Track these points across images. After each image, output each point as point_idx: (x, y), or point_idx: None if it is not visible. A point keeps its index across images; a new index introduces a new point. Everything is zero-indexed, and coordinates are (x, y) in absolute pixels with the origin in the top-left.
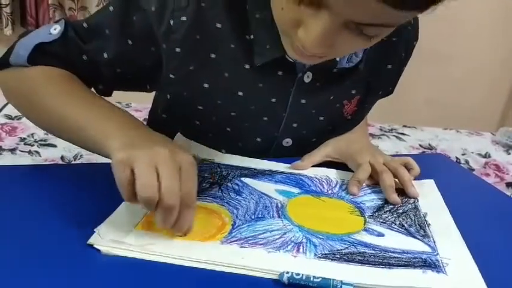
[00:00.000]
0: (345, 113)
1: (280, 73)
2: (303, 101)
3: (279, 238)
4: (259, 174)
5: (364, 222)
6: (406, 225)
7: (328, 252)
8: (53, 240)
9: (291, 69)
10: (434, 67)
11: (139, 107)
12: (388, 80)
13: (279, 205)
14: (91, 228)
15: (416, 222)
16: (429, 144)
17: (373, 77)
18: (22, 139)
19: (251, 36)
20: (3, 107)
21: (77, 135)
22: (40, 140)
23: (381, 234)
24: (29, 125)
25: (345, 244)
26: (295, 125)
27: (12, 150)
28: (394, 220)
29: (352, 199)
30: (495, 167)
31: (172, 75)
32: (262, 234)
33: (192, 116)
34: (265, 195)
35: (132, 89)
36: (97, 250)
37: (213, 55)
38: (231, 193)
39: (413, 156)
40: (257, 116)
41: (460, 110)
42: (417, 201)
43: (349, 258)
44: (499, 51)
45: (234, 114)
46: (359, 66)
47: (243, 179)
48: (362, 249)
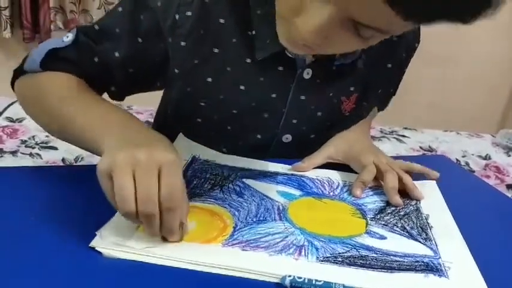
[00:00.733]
0: (343, 110)
1: (280, 68)
2: (302, 97)
3: (281, 241)
4: (260, 176)
5: (366, 224)
6: (408, 228)
7: (330, 255)
8: (54, 243)
9: (291, 65)
10: (435, 69)
11: (140, 109)
12: (387, 79)
13: (281, 207)
14: (92, 231)
15: (418, 224)
16: (429, 146)
17: (372, 75)
18: (23, 141)
19: (253, 32)
20: (5, 109)
21: (79, 137)
22: (41, 142)
23: (382, 237)
24: (30, 127)
25: (347, 247)
26: (294, 121)
27: (14, 153)
28: (396, 222)
29: (353, 201)
30: (495, 168)
31: (177, 70)
32: (264, 237)
33: (194, 113)
34: (267, 197)
35: (144, 89)
36: (99, 253)
37: (216, 50)
38: (232, 195)
39: (414, 158)
40: (258, 112)
41: (461, 112)
42: (419, 203)
43: (351, 261)
44: (500, 53)
45: (235, 112)
46: (358, 64)
47: (244, 180)
48: (364, 253)
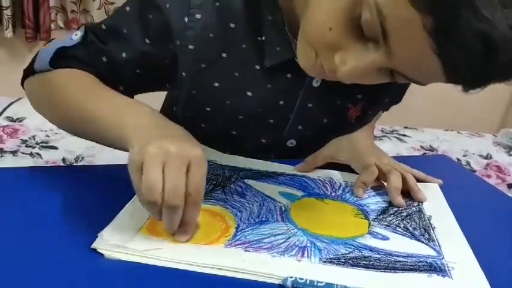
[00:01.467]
0: (349, 117)
1: (289, 75)
2: (310, 104)
3: (283, 242)
4: (262, 176)
5: (369, 225)
6: (410, 229)
7: (332, 256)
8: (55, 244)
9: (300, 72)
10: None
11: None
12: (395, 89)
13: (283, 208)
14: (94, 232)
15: (421, 225)
16: (430, 146)
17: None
18: (23, 141)
19: (263, 38)
20: (5, 109)
21: (95, 128)
22: (41, 142)
23: (385, 238)
24: (31, 127)
25: (350, 248)
26: (300, 127)
27: (14, 152)
28: (398, 223)
29: (356, 201)
30: (496, 168)
31: (184, 73)
32: (267, 238)
33: (199, 117)
34: (269, 197)
35: (152, 89)
36: (100, 254)
37: (224, 54)
38: (234, 195)
39: (416, 157)
40: (264, 117)
41: (461, 111)
42: (421, 204)
43: (354, 262)
44: None
45: (241, 117)
46: None
47: (246, 180)
48: (367, 254)
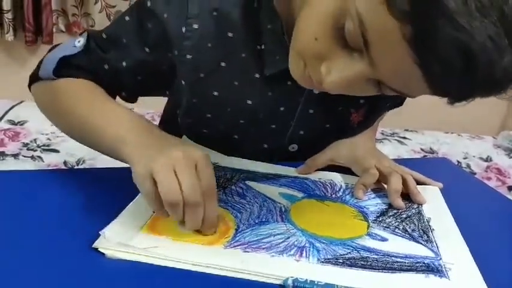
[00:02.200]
0: (352, 122)
1: (289, 83)
2: (311, 111)
3: (282, 242)
4: (263, 178)
5: (368, 226)
6: (409, 230)
7: (331, 257)
8: (57, 244)
9: None
10: None
11: (141, 111)
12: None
13: (283, 209)
14: (95, 232)
15: (420, 227)
16: (430, 148)
17: None
18: (25, 144)
19: (262, 46)
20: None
21: (95, 139)
22: (43, 145)
23: (384, 239)
24: (32, 130)
25: (348, 249)
26: (302, 132)
27: (15, 156)
28: (397, 225)
29: (356, 203)
30: (497, 170)
31: (183, 82)
32: (266, 238)
33: (200, 123)
34: (269, 198)
35: (154, 94)
36: (101, 254)
37: (223, 64)
38: (235, 196)
39: (416, 160)
40: (265, 123)
41: (462, 113)
42: (421, 207)
43: (352, 263)
44: None
45: (242, 122)
46: None
47: (247, 182)
48: (365, 254)
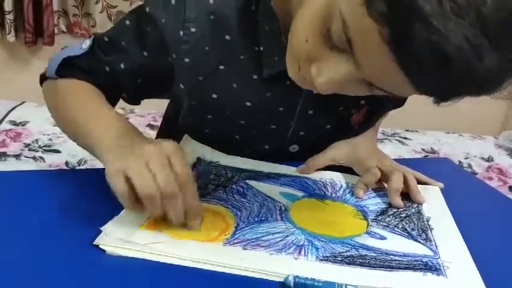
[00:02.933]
0: (352, 123)
1: (288, 83)
2: (310, 111)
3: (281, 240)
4: (264, 177)
5: (367, 225)
6: (408, 229)
7: (329, 255)
8: (58, 243)
9: None
10: None
11: (143, 112)
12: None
13: (283, 208)
14: (95, 230)
15: (419, 226)
16: (432, 148)
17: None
18: (26, 145)
19: (260, 48)
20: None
21: (81, 140)
22: (44, 145)
23: (383, 238)
24: (34, 131)
25: (347, 247)
26: (302, 133)
27: (17, 156)
28: (396, 224)
29: (356, 203)
30: (498, 170)
31: (182, 85)
32: (265, 236)
33: (202, 124)
34: (270, 197)
35: (154, 96)
36: (102, 251)
37: (221, 66)
38: (235, 195)
39: (417, 160)
40: (265, 124)
41: (463, 113)
42: (421, 206)
43: (351, 261)
44: None
45: (243, 123)
46: None
47: (247, 181)
48: (363, 252)
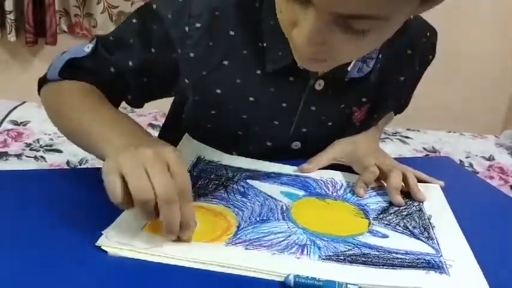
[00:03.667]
0: (354, 120)
1: (291, 79)
2: (313, 108)
3: (283, 240)
4: (264, 176)
5: (369, 224)
6: (410, 227)
7: (332, 254)
8: (60, 243)
9: (302, 76)
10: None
11: (144, 111)
12: (398, 91)
13: (284, 207)
14: (98, 231)
15: (421, 224)
16: (433, 147)
17: (384, 87)
18: (28, 144)
19: (264, 44)
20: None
21: (86, 142)
22: (46, 145)
23: (385, 236)
24: (35, 130)
25: (349, 246)
26: (304, 129)
27: (18, 156)
28: (398, 222)
29: (357, 201)
30: (499, 169)
31: (186, 80)
32: (267, 236)
33: (205, 120)
34: (271, 197)
35: (159, 96)
36: (104, 252)
37: (225, 62)
38: (236, 195)
39: (418, 159)
40: (268, 119)
41: (464, 113)
42: (422, 204)
43: (353, 259)
44: (503, 53)
45: (245, 117)
46: (371, 77)
47: (248, 181)
48: (366, 251)
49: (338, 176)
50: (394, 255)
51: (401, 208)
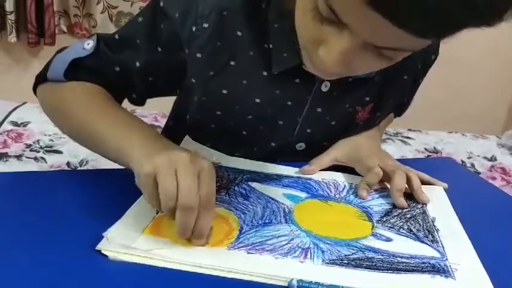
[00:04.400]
0: (358, 119)
1: (297, 81)
2: (319, 109)
3: (286, 244)
4: (266, 178)
5: (372, 227)
6: (414, 230)
7: (335, 258)
8: (60, 246)
9: (308, 78)
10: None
11: (145, 113)
12: (401, 90)
13: (286, 210)
14: (98, 234)
15: (425, 227)
16: (434, 148)
17: (388, 86)
18: (28, 145)
19: (270, 45)
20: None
21: (101, 145)
22: (46, 146)
23: (389, 239)
24: (35, 131)
25: (353, 249)
26: (309, 130)
27: (18, 157)
28: (402, 225)
29: (359, 204)
30: (501, 170)
31: (193, 80)
32: (270, 240)
33: (209, 120)
34: (273, 199)
35: (164, 94)
36: (105, 256)
37: (232, 62)
38: (238, 197)
39: (421, 160)
40: (273, 119)
41: (465, 113)
42: (425, 206)
43: (357, 263)
44: (504, 54)
45: (250, 117)
46: (374, 77)
47: (250, 183)
48: (370, 255)
49: (340, 177)
50: (398, 259)
51: (404, 210)
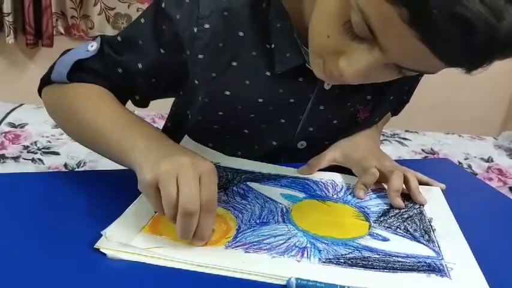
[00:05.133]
0: (358, 117)
1: (300, 79)
2: (321, 107)
3: (284, 243)
4: (264, 179)
5: (369, 227)
6: (411, 230)
7: (332, 257)
8: (58, 246)
9: (311, 76)
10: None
11: (142, 114)
12: (401, 88)
13: (284, 210)
14: (96, 233)
15: (421, 227)
16: (431, 149)
17: (389, 84)
18: (25, 147)
19: (272, 45)
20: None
21: (104, 145)
22: (43, 147)
23: (385, 239)
24: (32, 133)
25: (349, 249)
26: (311, 128)
27: (16, 158)
28: (399, 225)
29: (357, 204)
30: (498, 171)
31: (196, 81)
32: (267, 239)
33: (211, 121)
34: (271, 199)
35: (166, 96)
36: (103, 254)
37: (234, 63)
38: (236, 197)
39: (418, 161)
40: (275, 117)
41: (462, 114)
42: (423, 207)
43: (353, 262)
44: None
45: (253, 116)
46: None
47: (248, 183)
48: (366, 254)
49: (338, 177)
50: (394, 258)
51: (401, 211)
